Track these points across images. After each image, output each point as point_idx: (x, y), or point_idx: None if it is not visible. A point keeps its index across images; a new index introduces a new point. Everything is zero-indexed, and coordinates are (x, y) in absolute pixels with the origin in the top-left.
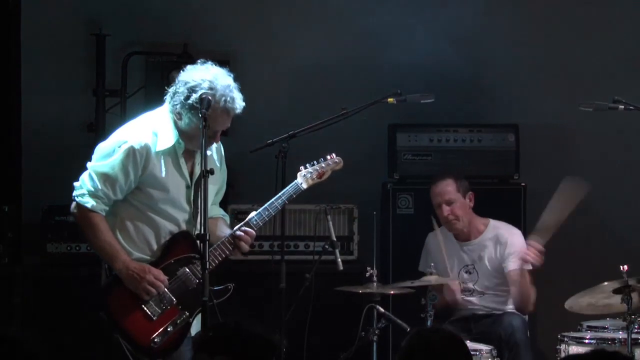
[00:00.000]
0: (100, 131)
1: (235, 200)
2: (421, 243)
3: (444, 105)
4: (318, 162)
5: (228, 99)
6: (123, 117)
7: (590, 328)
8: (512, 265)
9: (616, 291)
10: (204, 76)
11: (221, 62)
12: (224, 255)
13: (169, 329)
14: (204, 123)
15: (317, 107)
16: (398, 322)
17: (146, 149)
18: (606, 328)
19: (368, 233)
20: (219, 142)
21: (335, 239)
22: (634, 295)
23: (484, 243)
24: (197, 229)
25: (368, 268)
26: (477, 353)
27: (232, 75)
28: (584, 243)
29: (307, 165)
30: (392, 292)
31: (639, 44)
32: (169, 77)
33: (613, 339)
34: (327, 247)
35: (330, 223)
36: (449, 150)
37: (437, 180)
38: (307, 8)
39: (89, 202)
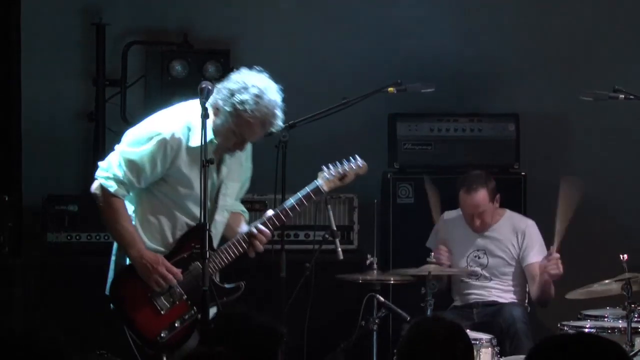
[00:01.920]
0: (100, 120)
1: None
2: (421, 232)
3: (444, 94)
4: (341, 164)
5: (270, 113)
6: (123, 106)
7: (589, 317)
8: (532, 258)
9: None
10: (257, 83)
11: (221, 52)
12: (238, 253)
13: (176, 324)
14: (203, 112)
15: (318, 97)
16: (398, 312)
17: (178, 143)
18: (606, 317)
19: (368, 222)
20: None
21: (335, 228)
22: (634, 284)
23: (499, 230)
24: (215, 226)
25: (368, 255)
26: (477, 342)
27: (283, 95)
28: (584, 232)
29: (330, 165)
30: (392, 281)
31: None
32: (169, 66)
33: (613, 328)
34: (327, 236)
35: (331, 212)
36: (449, 139)
37: (470, 191)
38: None
39: (113, 187)
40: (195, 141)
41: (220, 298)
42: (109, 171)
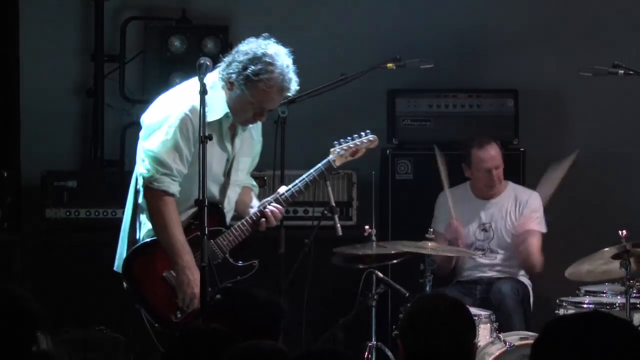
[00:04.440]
0: (99, 96)
1: None
2: (420, 208)
3: (443, 70)
4: (352, 139)
5: (285, 78)
6: (121, 82)
7: (588, 293)
8: (527, 226)
9: (615, 257)
10: (267, 50)
11: (220, 27)
12: (251, 230)
13: None
14: (201, 89)
15: (317, 73)
16: (397, 288)
17: (198, 118)
18: (605, 293)
19: (367, 198)
20: None
21: (334, 204)
22: (633, 260)
23: (503, 202)
24: (228, 202)
25: (367, 227)
26: (476, 318)
27: (292, 57)
28: (583, 208)
29: (341, 140)
30: (392, 252)
31: None
32: (168, 42)
33: (612, 304)
34: (326, 212)
35: (330, 188)
36: (448, 115)
37: (484, 145)
38: None
39: (171, 186)
40: (211, 116)
41: (234, 277)
42: (158, 173)
